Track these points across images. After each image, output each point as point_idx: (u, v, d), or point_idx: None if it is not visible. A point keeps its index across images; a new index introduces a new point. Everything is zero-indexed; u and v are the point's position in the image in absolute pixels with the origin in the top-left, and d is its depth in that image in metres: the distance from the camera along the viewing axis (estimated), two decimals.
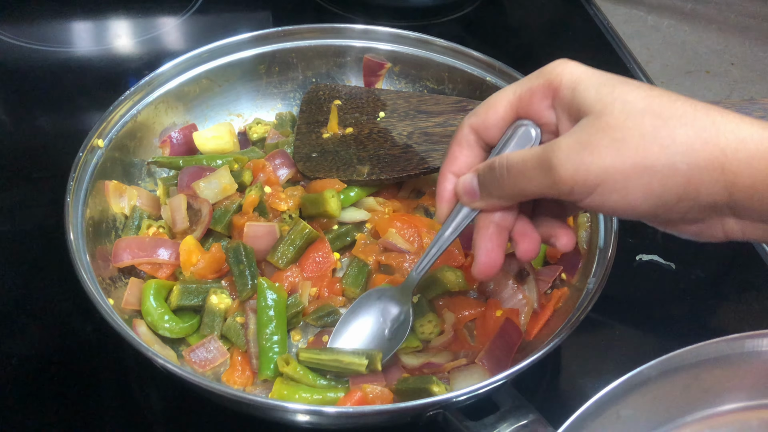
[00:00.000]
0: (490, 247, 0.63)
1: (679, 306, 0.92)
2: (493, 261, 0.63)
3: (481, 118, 0.63)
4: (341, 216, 0.91)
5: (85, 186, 0.83)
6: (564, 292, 0.82)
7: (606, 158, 0.52)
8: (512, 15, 1.44)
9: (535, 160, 0.56)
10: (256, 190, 0.87)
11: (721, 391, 0.63)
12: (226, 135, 0.97)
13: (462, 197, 0.64)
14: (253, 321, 0.79)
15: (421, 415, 0.66)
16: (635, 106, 0.53)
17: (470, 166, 0.64)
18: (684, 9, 1.42)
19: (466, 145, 0.64)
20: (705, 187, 0.51)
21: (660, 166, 0.51)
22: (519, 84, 0.61)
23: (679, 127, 0.51)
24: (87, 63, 1.22)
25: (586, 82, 0.56)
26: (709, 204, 0.53)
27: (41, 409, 0.77)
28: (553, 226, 0.64)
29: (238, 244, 0.83)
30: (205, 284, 0.82)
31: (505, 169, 0.58)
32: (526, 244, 0.63)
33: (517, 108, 0.61)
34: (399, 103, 1.01)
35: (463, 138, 0.64)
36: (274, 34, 1.03)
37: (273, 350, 0.76)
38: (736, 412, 0.64)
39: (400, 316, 0.77)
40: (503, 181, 0.59)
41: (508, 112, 0.62)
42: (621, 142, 0.52)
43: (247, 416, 0.74)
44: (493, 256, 0.63)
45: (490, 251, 0.63)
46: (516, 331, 0.77)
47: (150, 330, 0.79)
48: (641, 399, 0.60)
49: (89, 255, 0.78)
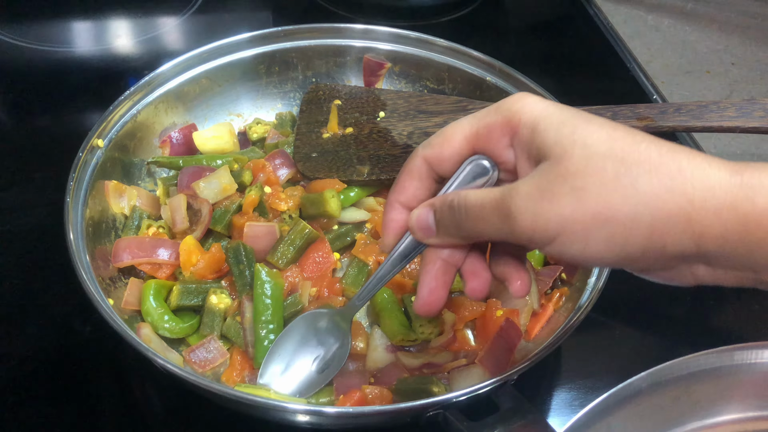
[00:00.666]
0: (434, 285, 0.60)
1: (679, 306, 0.91)
2: (435, 299, 0.61)
3: (436, 151, 0.60)
4: (341, 216, 0.90)
5: (85, 186, 0.83)
6: (564, 292, 0.82)
7: (566, 208, 0.49)
8: (512, 15, 1.44)
9: (494, 204, 0.53)
10: (256, 190, 0.87)
11: (710, 404, 0.63)
12: (226, 135, 0.97)
13: (416, 233, 0.60)
14: (249, 309, 0.79)
15: (421, 415, 0.66)
16: (596, 151, 0.50)
17: (419, 198, 0.61)
18: (684, 9, 1.42)
19: (417, 177, 0.61)
20: (671, 238, 0.49)
21: (622, 217, 0.48)
22: (476, 118, 0.58)
23: (642, 174, 0.48)
24: (87, 63, 1.22)
25: (545, 122, 0.53)
26: (676, 255, 0.50)
27: (41, 409, 0.77)
28: (508, 267, 0.60)
29: (238, 244, 0.83)
30: (205, 284, 0.82)
31: (464, 212, 0.56)
32: (475, 283, 0.60)
33: (473, 144, 0.58)
34: (399, 103, 1.01)
35: (414, 168, 0.61)
36: (274, 34, 1.03)
37: (269, 338, 0.76)
38: (726, 425, 0.63)
39: (336, 343, 0.75)
40: (461, 222, 0.56)
41: (464, 147, 0.59)
42: (581, 190, 0.49)
43: (247, 416, 0.74)
44: (437, 294, 0.60)
45: (434, 290, 0.60)
46: (516, 331, 0.77)
47: (154, 332, 0.79)
48: (632, 411, 0.59)
49: (89, 255, 0.78)
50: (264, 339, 0.77)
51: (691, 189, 0.48)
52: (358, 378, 0.76)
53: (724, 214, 0.47)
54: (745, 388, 0.62)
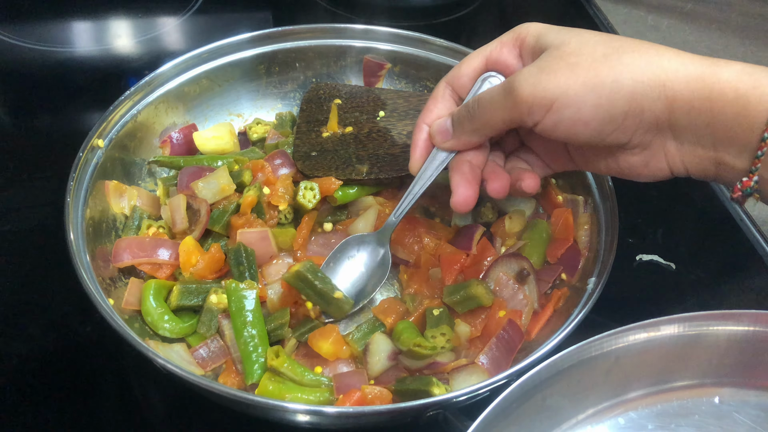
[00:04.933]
0: (465, 181, 0.70)
1: (679, 306, 0.91)
2: (469, 195, 0.70)
3: (455, 73, 0.71)
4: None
5: (85, 186, 0.83)
6: (564, 292, 0.82)
7: (561, 78, 0.59)
8: (512, 15, 1.45)
9: (501, 88, 0.63)
10: (254, 191, 0.87)
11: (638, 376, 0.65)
12: (226, 135, 0.97)
13: (435, 137, 0.71)
14: (228, 326, 0.78)
15: (421, 415, 0.66)
16: (590, 39, 0.61)
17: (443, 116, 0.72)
18: (684, 9, 1.42)
19: (440, 99, 0.72)
20: (648, 102, 0.58)
21: (608, 83, 0.58)
22: (490, 43, 0.70)
23: (627, 53, 0.58)
24: (87, 63, 1.22)
25: (548, 30, 0.64)
26: (652, 122, 0.59)
27: (41, 409, 0.77)
28: (520, 170, 0.73)
29: (239, 245, 0.83)
30: (205, 284, 0.82)
31: (477, 103, 0.65)
32: (497, 183, 0.71)
33: (487, 60, 0.69)
34: (399, 102, 1.01)
35: (438, 93, 0.72)
36: (274, 34, 1.03)
37: (257, 352, 0.76)
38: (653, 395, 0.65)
39: (378, 258, 0.82)
40: (474, 114, 0.66)
41: (479, 63, 0.70)
42: (575, 65, 0.59)
43: (247, 416, 0.74)
44: (469, 190, 0.70)
45: (467, 186, 0.70)
46: (518, 332, 0.77)
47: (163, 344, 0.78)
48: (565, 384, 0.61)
49: (89, 255, 0.78)
50: (252, 354, 0.76)
51: (666, 62, 0.58)
52: (358, 378, 0.75)
53: (692, 84, 0.57)
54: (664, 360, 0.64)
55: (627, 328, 0.62)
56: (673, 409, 0.65)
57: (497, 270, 0.82)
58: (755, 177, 0.58)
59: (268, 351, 0.75)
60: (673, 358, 0.63)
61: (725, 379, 0.65)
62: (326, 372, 0.78)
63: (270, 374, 0.74)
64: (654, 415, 0.65)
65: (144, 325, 0.80)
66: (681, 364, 0.64)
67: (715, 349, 0.63)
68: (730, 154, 0.59)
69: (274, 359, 0.74)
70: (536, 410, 0.60)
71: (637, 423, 0.64)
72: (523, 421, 0.59)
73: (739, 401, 0.64)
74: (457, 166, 0.71)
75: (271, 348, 0.75)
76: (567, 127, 0.61)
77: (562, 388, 0.61)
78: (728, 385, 0.65)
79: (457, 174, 0.70)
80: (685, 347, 0.63)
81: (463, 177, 0.70)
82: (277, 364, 0.73)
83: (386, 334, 0.80)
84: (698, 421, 0.64)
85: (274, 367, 0.74)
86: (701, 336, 0.63)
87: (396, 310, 0.82)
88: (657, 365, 0.64)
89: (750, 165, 0.58)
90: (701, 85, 0.56)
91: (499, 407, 0.56)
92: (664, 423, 0.64)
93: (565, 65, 0.59)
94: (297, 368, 0.75)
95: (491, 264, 0.83)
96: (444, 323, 0.78)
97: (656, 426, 0.64)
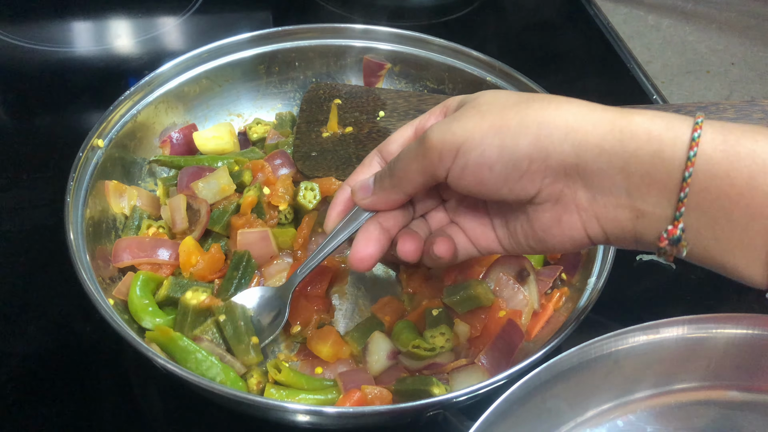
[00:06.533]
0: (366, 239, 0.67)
1: (679, 306, 0.91)
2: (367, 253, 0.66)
3: (386, 142, 0.71)
4: None
5: (85, 186, 0.83)
6: (564, 292, 0.82)
7: (469, 123, 0.59)
8: (512, 15, 1.44)
9: (416, 140, 0.63)
10: (254, 191, 0.87)
11: (637, 379, 0.65)
12: (226, 135, 0.97)
13: (356, 194, 0.68)
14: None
15: (421, 415, 0.67)
16: (505, 93, 0.62)
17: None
18: (684, 9, 1.42)
19: (368, 166, 0.71)
20: (553, 145, 0.56)
21: (513, 125, 0.57)
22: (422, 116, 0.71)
23: (537, 101, 0.58)
24: (87, 63, 1.22)
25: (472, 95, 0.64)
26: (559, 167, 0.56)
27: (41, 409, 0.77)
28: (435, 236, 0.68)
29: (246, 253, 0.83)
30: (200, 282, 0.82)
31: (396, 158, 0.65)
32: (407, 245, 0.67)
33: (416, 129, 0.70)
34: (399, 102, 1.01)
35: (367, 160, 0.71)
36: (274, 34, 1.03)
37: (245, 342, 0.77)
38: (652, 398, 0.65)
39: (275, 312, 0.79)
40: (393, 168, 0.65)
41: (409, 132, 0.70)
42: (485, 112, 0.59)
43: (247, 416, 0.74)
44: (369, 248, 0.67)
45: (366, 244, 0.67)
46: (518, 332, 0.77)
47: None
48: (565, 386, 0.61)
49: (89, 255, 0.78)
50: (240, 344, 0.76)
51: (576, 108, 0.56)
52: (364, 376, 0.75)
53: (600, 127, 0.55)
54: (667, 362, 0.64)
55: (626, 330, 0.61)
56: (672, 412, 0.64)
57: (497, 270, 0.82)
58: (680, 224, 0.53)
59: (268, 365, 0.75)
60: (673, 360, 0.63)
61: (725, 382, 0.64)
62: (327, 374, 0.78)
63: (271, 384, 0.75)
64: (653, 418, 0.64)
65: None
66: (681, 366, 0.64)
67: (715, 352, 0.63)
68: (648, 203, 0.54)
69: (277, 374, 0.74)
70: (536, 412, 0.60)
71: (636, 426, 0.64)
72: (522, 423, 0.59)
73: (739, 405, 0.64)
74: (365, 226, 0.68)
75: (269, 362, 0.76)
76: (473, 173, 0.59)
77: (562, 390, 0.61)
78: (728, 388, 0.64)
79: (362, 232, 0.67)
80: (686, 350, 0.63)
81: (367, 235, 0.67)
82: (281, 379, 0.74)
83: (385, 333, 0.80)
84: (697, 425, 0.64)
85: (280, 382, 0.74)
86: (701, 339, 0.62)
87: (395, 308, 0.82)
88: (657, 368, 0.63)
89: (674, 211, 0.53)
90: (611, 128, 0.54)
91: (499, 409, 0.56)
92: (663, 426, 0.64)
93: (476, 113, 0.59)
94: (300, 377, 0.75)
95: (491, 264, 0.83)
96: (443, 323, 0.77)
97: (655, 429, 0.64)
